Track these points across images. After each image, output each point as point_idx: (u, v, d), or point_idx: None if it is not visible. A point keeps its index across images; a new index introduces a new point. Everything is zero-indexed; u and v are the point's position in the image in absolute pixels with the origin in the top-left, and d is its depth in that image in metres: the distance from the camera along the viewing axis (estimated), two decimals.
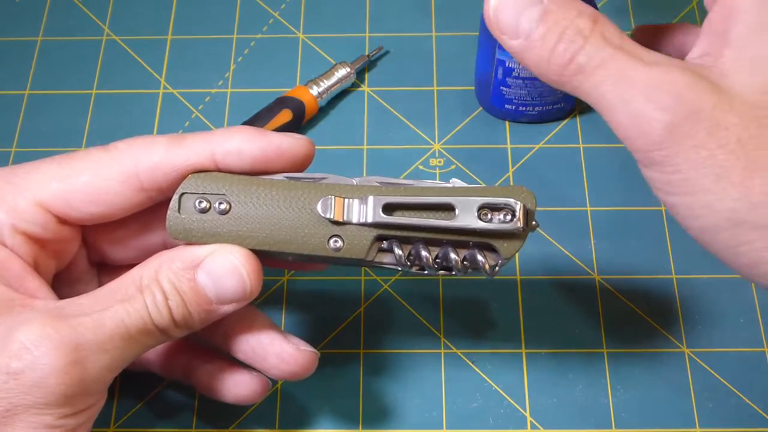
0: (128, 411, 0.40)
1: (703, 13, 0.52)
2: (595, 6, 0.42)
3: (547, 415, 0.40)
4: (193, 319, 0.32)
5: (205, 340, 0.38)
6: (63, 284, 0.35)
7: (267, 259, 0.33)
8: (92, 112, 0.50)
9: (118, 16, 0.53)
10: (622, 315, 0.43)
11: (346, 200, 0.32)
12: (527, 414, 0.40)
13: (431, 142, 0.48)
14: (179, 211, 0.32)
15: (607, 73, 0.28)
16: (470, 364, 0.42)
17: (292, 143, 0.33)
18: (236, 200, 0.32)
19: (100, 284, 0.37)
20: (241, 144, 0.32)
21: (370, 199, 0.31)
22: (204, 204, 0.32)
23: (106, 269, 0.37)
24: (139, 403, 0.41)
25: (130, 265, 0.36)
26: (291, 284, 0.44)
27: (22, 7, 0.54)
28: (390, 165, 0.47)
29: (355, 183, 0.32)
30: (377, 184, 0.32)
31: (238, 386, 0.36)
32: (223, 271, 0.31)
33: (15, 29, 0.53)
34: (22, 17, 0.53)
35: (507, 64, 0.43)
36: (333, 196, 0.32)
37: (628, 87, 0.28)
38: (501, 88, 0.46)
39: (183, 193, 0.32)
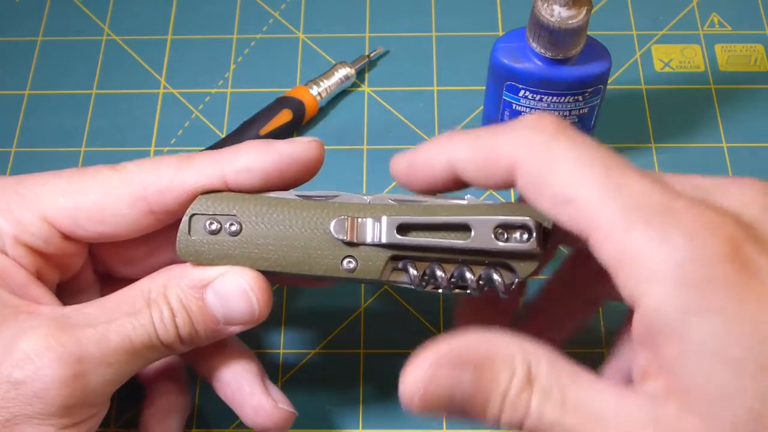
0: (129, 411, 0.40)
1: (704, 13, 0.52)
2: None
3: None
4: (200, 337, 0.31)
5: (190, 364, 0.37)
6: (66, 293, 0.35)
7: (275, 276, 0.32)
8: (92, 112, 0.50)
9: (118, 16, 0.53)
10: (622, 314, 0.43)
11: (360, 220, 0.31)
12: None
13: None
14: (189, 233, 0.31)
15: None
16: None
17: (302, 149, 0.32)
18: (247, 221, 0.31)
19: (102, 295, 0.36)
20: (250, 160, 0.31)
21: (384, 219, 0.31)
22: (215, 225, 0.31)
23: (110, 281, 0.37)
24: (140, 404, 0.41)
25: (135, 279, 0.35)
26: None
27: (22, 7, 0.54)
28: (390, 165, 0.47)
29: (368, 201, 0.31)
30: (391, 202, 0.31)
31: (258, 413, 0.35)
32: (232, 293, 0.31)
33: (15, 29, 0.53)
34: (22, 17, 0.53)
35: (514, 107, 0.42)
36: (346, 217, 0.31)
37: None
38: None
39: (193, 215, 0.31)
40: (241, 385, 0.35)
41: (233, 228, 0.31)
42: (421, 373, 0.27)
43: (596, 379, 0.26)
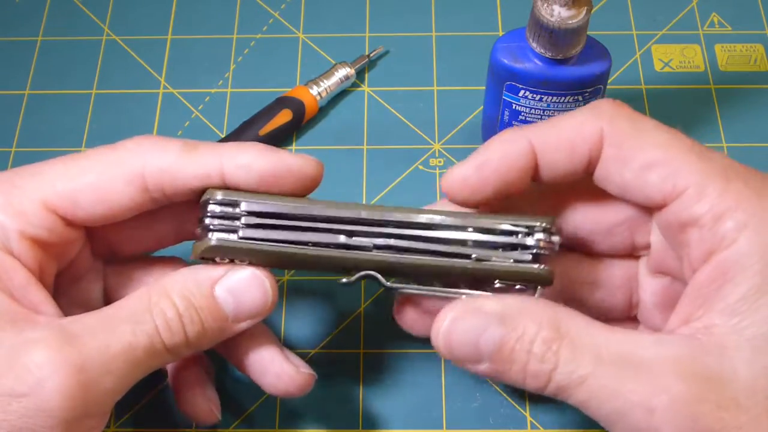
0: (128, 411, 0.40)
1: (704, 13, 0.52)
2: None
3: (547, 415, 0.40)
4: (207, 338, 0.31)
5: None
6: (66, 282, 0.34)
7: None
8: (92, 112, 0.50)
9: (118, 16, 0.53)
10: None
11: (362, 272, 0.32)
12: (527, 414, 0.40)
13: (431, 142, 0.48)
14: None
15: (591, 389, 0.27)
16: None
17: (302, 164, 0.32)
18: (256, 261, 0.32)
19: (106, 279, 0.36)
20: (251, 159, 0.31)
21: (381, 278, 0.32)
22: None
23: (113, 262, 0.36)
24: (140, 403, 0.41)
25: (138, 257, 0.35)
26: (291, 284, 0.44)
27: (22, 7, 0.54)
28: (390, 165, 0.47)
29: (372, 247, 0.32)
30: (393, 241, 0.32)
31: (281, 378, 0.35)
32: (244, 282, 0.31)
33: (15, 29, 0.53)
34: (22, 17, 0.53)
35: (514, 107, 0.42)
36: (348, 279, 0.32)
37: (620, 402, 0.26)
38: None
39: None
40: (261, 354, 0.35)
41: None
42: (446, 320, 0.29)
43: (629, 330, 0.28)
